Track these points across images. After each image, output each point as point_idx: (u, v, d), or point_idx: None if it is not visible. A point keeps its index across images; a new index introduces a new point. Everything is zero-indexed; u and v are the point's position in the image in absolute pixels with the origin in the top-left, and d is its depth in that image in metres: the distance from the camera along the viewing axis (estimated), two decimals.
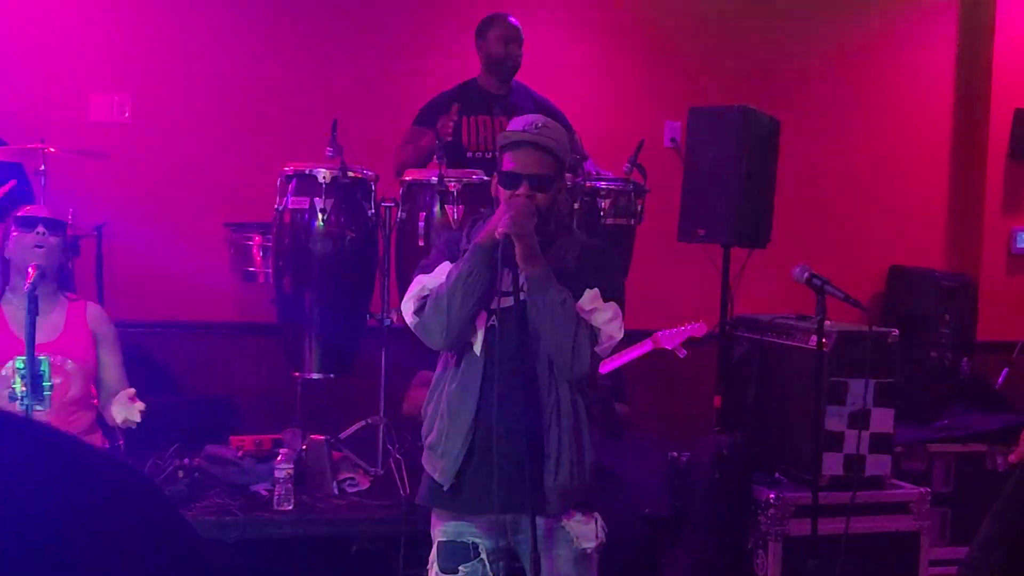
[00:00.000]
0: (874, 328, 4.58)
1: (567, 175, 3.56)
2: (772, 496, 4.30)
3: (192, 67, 5.97)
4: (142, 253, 5.70)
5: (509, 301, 3.17)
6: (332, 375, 4.92)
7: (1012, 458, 2.62)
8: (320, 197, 4.69)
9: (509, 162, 3.23)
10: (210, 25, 6.00)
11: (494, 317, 3.19)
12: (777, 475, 4.48)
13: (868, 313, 3.79)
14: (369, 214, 4.84)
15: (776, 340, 4.64)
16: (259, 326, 5.54)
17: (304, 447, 4.78)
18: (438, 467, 3.26)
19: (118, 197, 5.71)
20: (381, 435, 4.88)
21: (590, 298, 3.16)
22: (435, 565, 3.33)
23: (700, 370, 6.06)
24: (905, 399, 5.68)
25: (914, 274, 6.61)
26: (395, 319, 4.95)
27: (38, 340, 3.91)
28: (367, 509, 4.61)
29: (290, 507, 4.47)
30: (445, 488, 3.24)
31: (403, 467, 4.70)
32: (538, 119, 3.30)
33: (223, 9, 6.02)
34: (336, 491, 4.69)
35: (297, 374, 4.94)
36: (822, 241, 6.54)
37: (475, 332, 3.20)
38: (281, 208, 4.80)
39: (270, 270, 5.01)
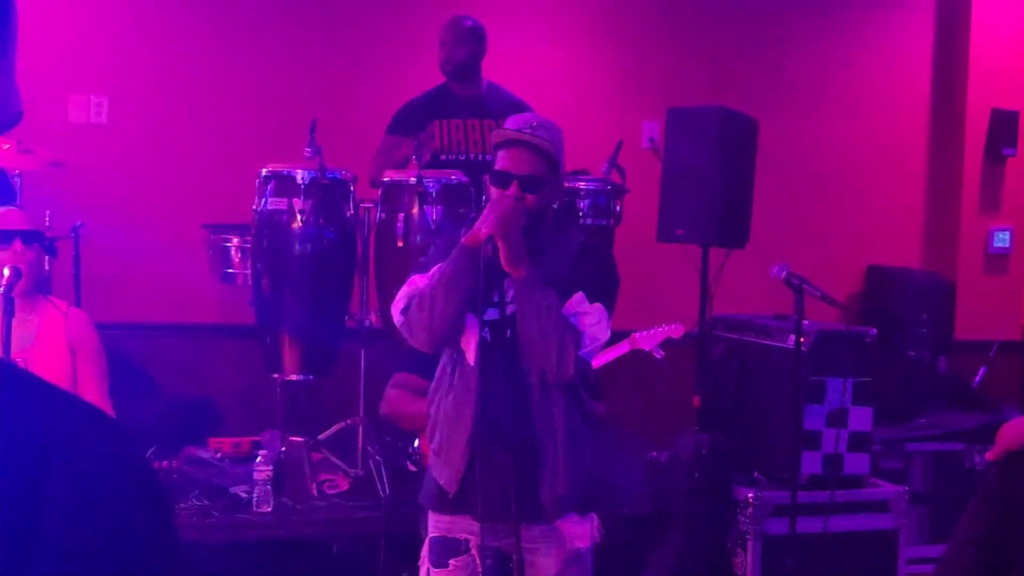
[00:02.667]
0: (852, 327, 4.60)
1: None
2: (751, 495, 4.32)
3: (170, 68, 5.94)
4: (120, 254, 5.67)
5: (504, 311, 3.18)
6: (311, 377, 4.92)
7: (989, 456, 2.64)
8: (299, 198, 4.69)
9: (502, 161, 3.22)
10: (187, 26, 5.98)
11: (487, 328, 3.18)
12: (756, 474, 4.50)
13: (846, 312, 3.80)
14: (348, 215, 4.84)
15: (755, 340, 4.66)
16: (238, 328, 5.51)
17: (283, 449, 4.78)
18: (443, 474, 3.27)
19: (96, 198, 5.68)
20: (360, 436, 4.88)
21: (576, 301, 3.15)
22: (427, 560, 3.35)
23: (680, 370, 6.06)
24: (883, 398, 5.71)
25: (892, 274, 6.63)
26: (374, 320, 4.96)
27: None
28: (346, 510, 4.61)
29: (269, 509, 4.47)
30: (450, 495, 3.25)
31: (382, 468, 4.71)
32: (534, 119, 3.30)
33: (200, 10, 6.00)
34: (315, 493, 4.68)
35: (276, 376, 4.93)
36: (800, 241, 6.55)
37: (468, 342, 3.19)
38: (259, 209, 4.79)
39: (249, 271, 5.00)
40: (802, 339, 4.28)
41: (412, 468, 4.61)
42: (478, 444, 3.16)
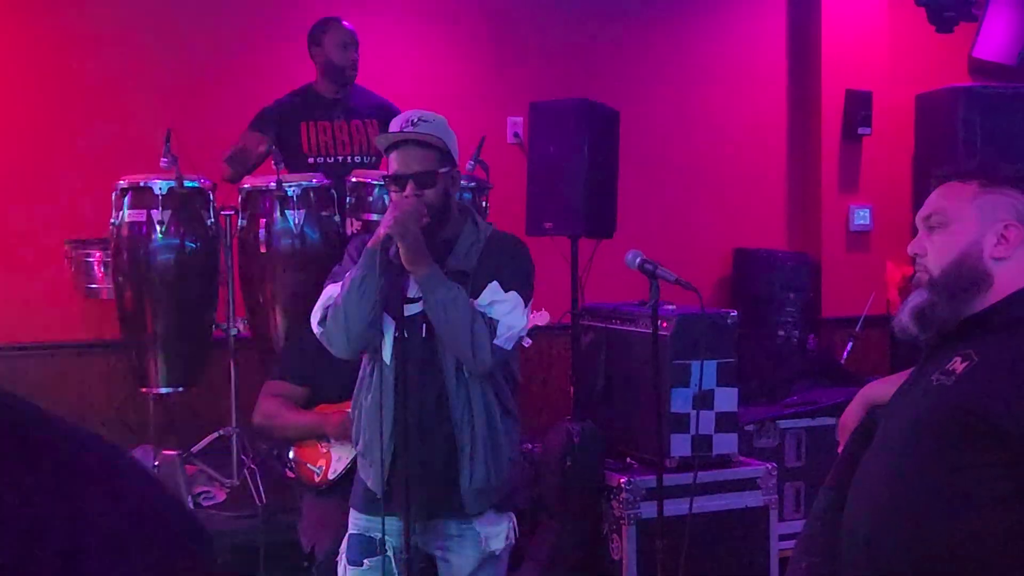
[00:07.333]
0: (713, 310, 4.69)
1: None
2: (623, 481, 4.37)
3: (26, 83, 5.80)
4: None
5: (415, 308, 3.18)
6: (180, 388, 4.87)
7: (840, 450, 2.68)
8: (157, 209, 4.64)
9: (393, 163, 3.23)
10: (40, 39, 5.83)
11: (402, 325, 3.17)
12: (629, 460, 4.56)
13: (700, 295, 3.86)
14: (209, 223, 4.79)
15: (620, 327, 4.71)
16: (106, 343, 5.42)
17: (156, 463, 4.72)
18: (370, 476, 3.27)
19: None
20: (235, 446, 4.84)
21: (490, 291, 3.16)
22: (343, 557, 3.35)
23: (558, 362, 6.13)
24: (756, 378, 5.83)
25: (758, 256, 6.76)
26: (241, 328, 4.92)
27: None
28: (223, 521, 4.58)
29: None
30: (379, 496, 3.24)
31: (258, 476, 4.68)
32: (413, 115, 3.27)
33: (51, 20, 5.86)
34: (191, 505, 4.64)
35: (145, 389, 4.87)
36: (667, 228, 6.64)
37: (384, 341, 3.19)
38: (118, 222, 4.72)
39: (112, 285, 4.93)
40: (665, 324, 4.36)
41: (290, 475, 4.58)
42: (401, 443, 3.15)
